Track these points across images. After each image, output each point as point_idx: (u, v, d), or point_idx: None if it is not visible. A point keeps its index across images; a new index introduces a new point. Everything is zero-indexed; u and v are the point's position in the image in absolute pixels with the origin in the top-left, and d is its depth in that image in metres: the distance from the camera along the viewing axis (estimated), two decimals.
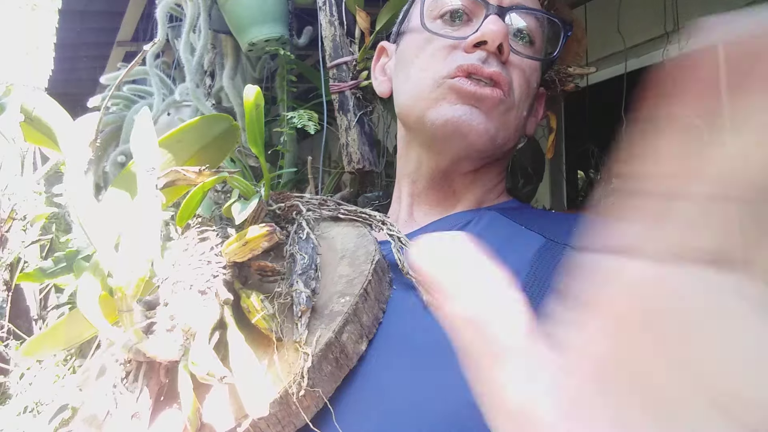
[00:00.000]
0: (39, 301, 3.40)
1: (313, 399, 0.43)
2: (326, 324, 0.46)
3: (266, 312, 0.46)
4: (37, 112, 0.53)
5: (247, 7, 1.23)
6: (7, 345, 3.23)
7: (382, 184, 1.27)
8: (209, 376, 0.40)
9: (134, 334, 0.43)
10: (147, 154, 0.48)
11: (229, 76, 1.39)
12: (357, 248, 0.54)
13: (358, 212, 0.59)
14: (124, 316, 0.43)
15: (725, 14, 0.20)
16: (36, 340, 0.56)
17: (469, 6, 0.60)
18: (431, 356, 0.44)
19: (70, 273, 1.27)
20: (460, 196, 0.65)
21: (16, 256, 3.43)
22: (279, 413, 0.42)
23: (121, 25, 2.33)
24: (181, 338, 0.44)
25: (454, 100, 0.57)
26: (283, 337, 0.45)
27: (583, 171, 2.13)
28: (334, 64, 1.06)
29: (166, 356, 0.44)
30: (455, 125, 0.56)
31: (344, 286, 0.49)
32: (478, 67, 0.56)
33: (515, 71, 0.59)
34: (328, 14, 1.08)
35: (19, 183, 3.19)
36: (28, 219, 3.20)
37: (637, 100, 0.21)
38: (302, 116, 1.08)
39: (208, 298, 0.47)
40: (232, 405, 0.43)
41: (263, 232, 0.46)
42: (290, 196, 0.58)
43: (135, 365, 0.45)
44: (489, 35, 0.56)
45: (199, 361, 0.41)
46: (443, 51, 0.59)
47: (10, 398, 2.94)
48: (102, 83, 1.55)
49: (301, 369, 0.42)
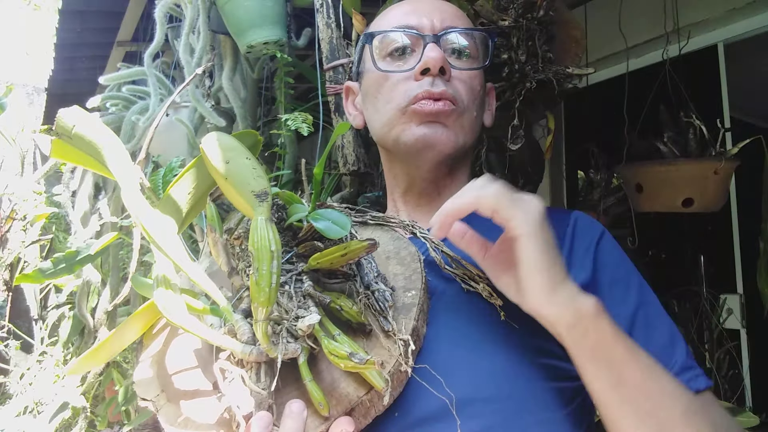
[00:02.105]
0: (39, 301, 3.40)
1: (404, 374, 0.53)
2: (405, 314, 0.56)
3: (357, 309, 0.54)
4: (79, 130, 0.49)
5: (246, 10, 1.23)
6: (7, 345, 3.23)
7: (382, 184, 1.27)
8: (351, 361, 0.48)
9: (264, 340, 0.49)
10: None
11: (227, 77, 1.39)
12: (398, 249, 0.65)
13: (386, 218, 0.70)
14: (259, 327, 0.48)
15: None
16: (84, 359, 0.57)
17: (410, 40, 0.72)
18: (472, 338, 0.58)
19: (70, 273, 1.27)
20: (450, 192, 0.72)
21: (16, 256, 3.43)
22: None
23: (121, 25, 2.33)
24: (300, 339, 0.51)
25: (418, 121, 0.70)
26: (375, 329, 0.54)
27: (583, 171, 2.13)
28: (330, 67, 1.06)
29: (289, 356, 0.50)
30: (424, 140, 0.70)
31: (405, 282, 0.59)
32: (429, 92, 0.69)
33: (459, 83, 0.71)
34: (325, 16, 1.08)
35: (19, 183, 3.19)
36: (28, 219, 3.20)
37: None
38: (296, 119, 1.09)
39: (309, 302, 0.53)
40: (349, 386, 0.51)
41: (364, 244, 0.53)
42: (332, 206, 0.66)
43: (255, 366, 0.50)
44: (430, 62, 0.69)
45: (339, 352, 0.49)
46: (399, 84, 0.72)
47: (10, 398, 2.94)
48: (102, 83, 1.55)
49: (405, 351, 0.52)
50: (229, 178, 0.52)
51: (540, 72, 0.86)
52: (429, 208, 0.75)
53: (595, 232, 0.67)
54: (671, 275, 2.06)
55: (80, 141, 0.50)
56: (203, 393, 0.53)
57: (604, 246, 0.66)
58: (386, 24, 0.75)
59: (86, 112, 0.50)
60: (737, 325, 1.83)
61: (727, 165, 1.36)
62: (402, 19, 0.73)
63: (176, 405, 0.53)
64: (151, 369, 0.58)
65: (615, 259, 0.65)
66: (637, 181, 1.48)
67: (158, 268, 0.51)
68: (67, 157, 0.52)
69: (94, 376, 1.94)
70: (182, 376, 0.56)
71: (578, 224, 0.68)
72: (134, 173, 0.51)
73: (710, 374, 1.73)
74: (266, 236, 0.48)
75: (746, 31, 1.76)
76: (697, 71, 1.72)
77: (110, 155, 0.50)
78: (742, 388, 1.73)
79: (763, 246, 1.57)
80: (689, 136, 1.41)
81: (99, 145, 0.50)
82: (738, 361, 1.77)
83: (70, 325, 2.23)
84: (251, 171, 0.52)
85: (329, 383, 0.52)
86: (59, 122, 0.49)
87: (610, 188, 1.73)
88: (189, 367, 0.57)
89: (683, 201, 1.39)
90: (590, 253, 0.64)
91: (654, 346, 0.57)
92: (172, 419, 0.51)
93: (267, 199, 0.50)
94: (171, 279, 0.50)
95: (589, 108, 1.89)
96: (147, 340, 0.61)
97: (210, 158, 0.53)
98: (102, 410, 2.06)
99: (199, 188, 0.57)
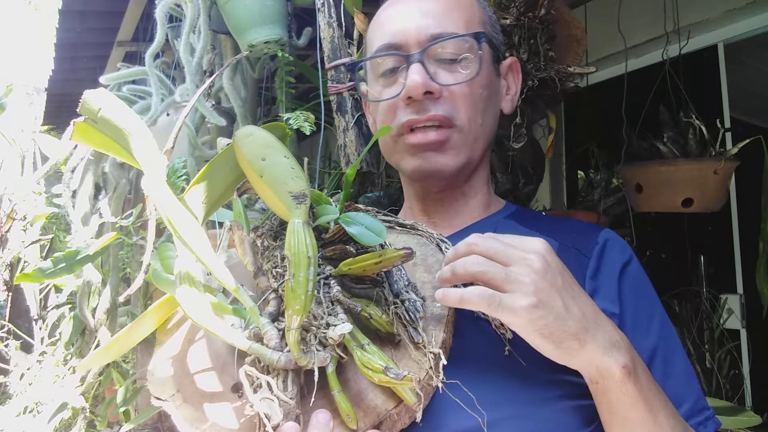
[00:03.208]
0: (39, 301, 3.40)
1: (431, 387, 0.51)
2: (434, 325, 0.54)
3: (387, 318, 0.52)
4: (106, 113, 0.46)
5: (247, 9, 1.23)
6: (7, 345, 3.23)
7: (383, 184, 1.27)
8: (386, 375, 0.46)
9: (294, 348, 0.47)
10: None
11: (228, 77, 1.39)
12: (425, 256, 0.62)
13: (413, 225, 0.67)
14: (291, 335, 0.46)
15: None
16: (100, 352, 0.56)
17: (395, 62, 0.68)
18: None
19: (70, 273, 1.27)
20: (466, 203, 0.73)
21: (16, 256, 3.43)
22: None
23: (121, 25, 2.33)
24: (330, 348, 0.49)
25: (412, 152, 0.68)
26: (405, 340, 0.52)
27: (583, 171, 2.13)
28: (332, 66, 1.06)
29: (318, 364, 0.48)
30: (421, 171, 0.68)
31: (433, 291, 0.56)
32: (416, 120, 0.66)
33: (456, 96, 0.66)
34: (326, 16, 1.08)
35: (19, 183, 3.19)
36: (28, 219, 3.20)
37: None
38: (299, 118, 1.08)
39: (339, 309, 0.51)
40: (377, 398, 0.49)
41: (401, 253, 0.50)
42: (359, 208, 0.63)
43: (283, 374, 0.48)
44: (413, 90, 0.64)
45: (373, 365, 0.47)
46: (389, 111, 0.69)
47: (10, 398, 2.94)
48: (102, 83, 1.55)
49: (435, 365, 0.50)
50: (264, 176, 0.49)
51: (542, 70, 0.85)
52: (448, 213, 0.73)
53: (624, 256, 0.65)
54: (671, 275, 2.06)
55: (106, 125, 0.47)
56: (222, 396, 0.51)
57: (632, 272, 0.64)
58: (375, 39, 0.71)
59: (114, 96, 0.48)
60: (737, 325, 1.83)
61: (727, 165, 1.36)
62: (386, 37, 0.69)
63: (194, 406, 0.51)
64: (166, 367, 0.55)
65: (640, 288, 0.64)
66: (637, 181, 1.48)
67: (181, 264, 0.48)
68: (89, 141, 0.49)
69: (93, 376, 1.94)
70: (201, 377, 0.54)
71: (608, 245, 0.65)
72: (161, 162, 0.48)
73: (710, 374, 1.73)
74: (304, 241, 0.46)
75: (746, 31, 1.76)
76: (697, 71, 1.72)
77: (137, 142, 0.48)
78: (742, 388, 1.73)
79: (762, 246, 1.57)
80: (689, 136, 1.42)
81: (126, 130, 0.48)
82: (738, 361, 1.77)
83: (71, 326, 2.23)
84: (289, 171, 0.50)
85: (356, 393, 0.50)
86: (85, 104, 0.46)
87: (610, 188, 1.73)
88: (207, 368, 0.55)
89: (683, 201, 1.39)
90: (615, 277, 0.62)
91: (671, 385, 0.57)
92: (190, 420, 0.49)
93: (305, 201, 0.48)
94: (195, 276, 0.48)
95: (589, 108, 1.89)
96: (160, 336, 0.59)
97: (244, 154, 0.50)
98: (102, 410, 2.06)
99: (222, 184, 0.55)
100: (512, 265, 0.50)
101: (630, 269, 0.64)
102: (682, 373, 0.60)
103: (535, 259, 0.50)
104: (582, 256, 0.64)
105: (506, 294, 0.49)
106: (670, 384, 0.57)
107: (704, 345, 1.79)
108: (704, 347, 1.78)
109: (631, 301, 0.62)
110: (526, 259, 0.50)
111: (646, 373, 0.53)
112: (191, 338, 0.58)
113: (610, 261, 0.64)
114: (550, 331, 0.48)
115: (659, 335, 0.61)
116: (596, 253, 0.64)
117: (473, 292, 0.49)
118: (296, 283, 0.45)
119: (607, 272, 0.63)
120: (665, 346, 0.61)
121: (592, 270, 0.62)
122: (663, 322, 0.63)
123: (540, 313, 0.48)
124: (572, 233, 0.67)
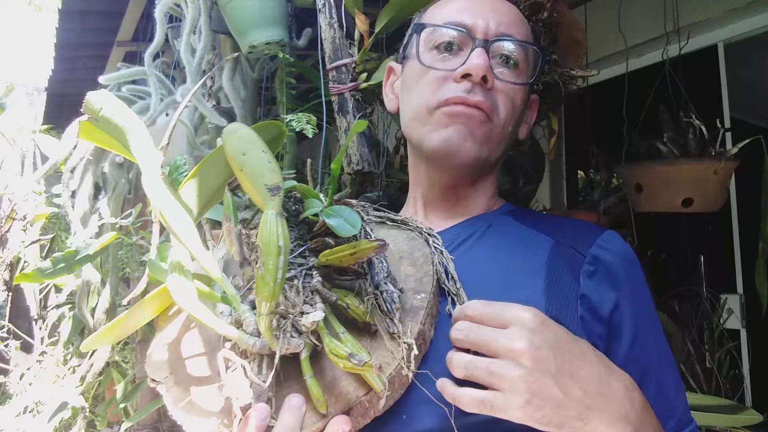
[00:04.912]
0: (39, 301, 3.39)
1: (405, 378, 0.52)
2: (412, 317, 0.55)
3: (363, 308, 0.54)
4: (106, 113, 0.50)
5: (248, 10, 1.23)
6: (7, 345, 3.23)
7: (382, 185, 1.27)
8: (350, 362, 0.47)
9: (267, 334, 0.49)
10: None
11: (228, 77, 1.39)
12: (412, 250, 0.63)
13: (405, 221, 0.68)
14: (262, 320, 0.48)
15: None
16: (99, 335, 0.58)
17: (459, 39, 0.68)
18: None
19: (69, 273, 1.27)
20: (470, 202, 0.73)
21: (16, 256, 3.43)
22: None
23: (121, 25, 2.32)
24: (304, 335, 0.51)
25: (447, 123, 0.66)
26: (380, 329, 0.53)
27: (583, 171, 2.13)
28: (333, 66, 1.06)
29: (291, 351, 0.50)
30: (447, 146, 0.66)
31: (415, 284, 0.58)
32: (464, 99, 0.65)
33: (500, 95, 0.67)
34: (327, 16, 1.08)
35: (19, 183, 3.19)
36: (28, 219, 3.20)
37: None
38: (300, 119, 1.08)
39: (317, 298, 0.53)
40: (350, 385, 0.51)
41: (374, 245, 0.52)
42: (350, 203, 0.65)
43: (258, 358, 0.50)
44: (473, 69, 0.64)
45: (338, 352, 0.48)
46: (436, 82, 0.68)
47: (10, 398, 2.94)
48: (102, 83, 1.55)
49: (407, 355, 0.51)
50: (244, 170, 0.52)
51: (546, 74, 0.85)
52: (445, 214, 0.74)
53: (625, 259, 0.64)
54: (671, 275, 2.06)
55: (107, 123, 0.51)
56: (211, 380, 0.54)
57: (632, 274, 0.63)
58: (440, 16, 0.71)
59: (113, 96, 0.52)
60: (737, 324, 1.83)
61: (727, 165, 1.36)
62: (456, 15, 0.69)
63: (183, 389, 0.53)
64: (163, 352, 0.58)
65: (638, 294, 0.63)
66: (637, 181, 1.48)
67: (173, 254, 0.51)
68: (93, 139, 0.53)
69: (93, 376, 1.94)
70: (192, 361, 0.56)
71: (608, 246, 0.64)
72: (156, 158, 0.51)
73: (710, 374, 1.73)
74: (275, 231, 0.48)
75: (746, 31, 1.76)
76: (697, 71, 1.72)
77: (134, 139, 0.51)
78: (742, 388, 1.73)
79: (762, 246, 1.57)
80: (689, 136, 1.41)
81: (124, 128, 0.51)
82: (738, 361, 1.78)
83: (71, 325, 2.23)
84: (266, 164, 0.52)
85: (330, 381, 0.52)
86: (87, 104, 0.50)
87: (610, 188, 1.73)
88: (199, 353, 0.57)
89: (683, 201, 1.39)
90: (614, 281, 0.62)
91: (663, 399, 0.58)
92: (177, 401, 0.52)
93: (279, 194, 0.50)
94: (185, 265, 0.51)
95: (589, 108, 1.89)
96: (161, 322, 0.62)
97: (228, 150, 0.53)
98: (101, 410, 2.06)
99: (216, 180, 0.58)
100: (499, 357, 0.49)
101: (630, 272, 0.63)
102: (672, 386, 0.61)
103: (522, 347, 0.48)
104: (578, 254, 0.63)
105: (497, 394, 0.47)
106: (662, 398, 0.58)
107: (704, 345, 1.79)
108: (704, 347, 1.78)
109: (629, 308, 0.61)
110: (512, 350, 0.48)
111: (652, 426, 0.53)
112: (188, 325, 0.61)
113: (608, 261, 0.63)
114: (549, 420, 0.47)
115: (656, 349, 0.62)
116: (596, 254, 0.63)
117: (465, 393, 0.48)
118: (266, 271, 0.47)
119: (606, 274, 0.62)
120: (660, 360, 0.61)
121: (589, 270, 0.62)
122: (658, 334, 0.63)
123: (535, 406, 0.47)
124: (570, 232, 0.67)
